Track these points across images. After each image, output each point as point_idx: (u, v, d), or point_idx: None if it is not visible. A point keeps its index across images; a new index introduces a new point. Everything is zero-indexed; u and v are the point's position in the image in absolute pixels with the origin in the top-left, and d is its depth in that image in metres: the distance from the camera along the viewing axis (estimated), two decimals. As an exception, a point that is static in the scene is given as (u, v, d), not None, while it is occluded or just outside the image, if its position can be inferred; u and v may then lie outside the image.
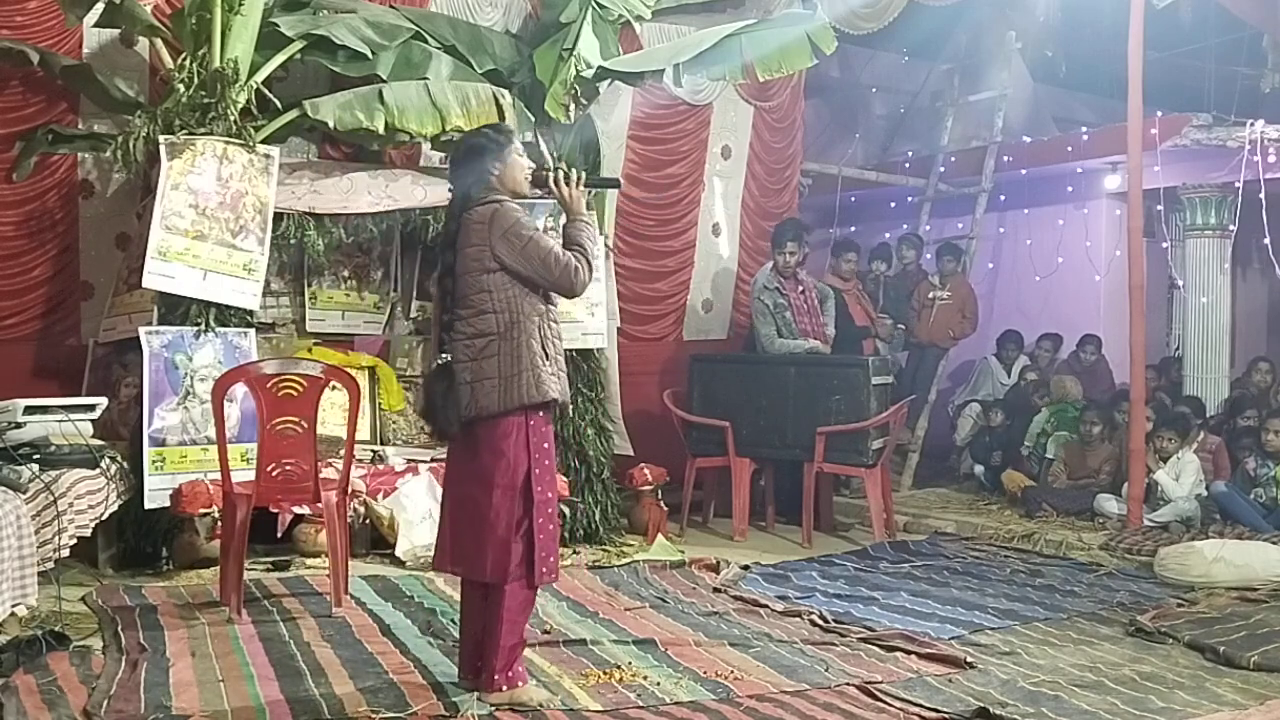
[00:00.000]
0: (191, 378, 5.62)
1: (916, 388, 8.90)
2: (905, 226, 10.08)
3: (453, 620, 4.73)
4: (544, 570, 3.69)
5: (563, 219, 3.92)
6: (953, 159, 9.89)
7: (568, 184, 3.81)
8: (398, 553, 5.80)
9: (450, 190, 3.82)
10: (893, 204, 10.58)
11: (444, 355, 3.68)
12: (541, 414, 3.71)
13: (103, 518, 5.11)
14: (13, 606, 4.17)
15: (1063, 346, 9.51)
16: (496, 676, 3.68)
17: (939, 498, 8.36)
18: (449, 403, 3.63)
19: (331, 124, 5.94)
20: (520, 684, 3.72)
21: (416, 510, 5.92)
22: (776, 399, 6.95)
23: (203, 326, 5.68)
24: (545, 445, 3.72)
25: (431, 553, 5.65)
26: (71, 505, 4.72)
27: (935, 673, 4.22)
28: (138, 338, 5.58)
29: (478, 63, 6.59)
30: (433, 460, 6.39)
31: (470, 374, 3.64)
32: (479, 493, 3.67)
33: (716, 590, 5.45)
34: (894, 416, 7.06)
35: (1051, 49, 10.55)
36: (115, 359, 6.14)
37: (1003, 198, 9.82)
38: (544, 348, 3.69)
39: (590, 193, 3.95)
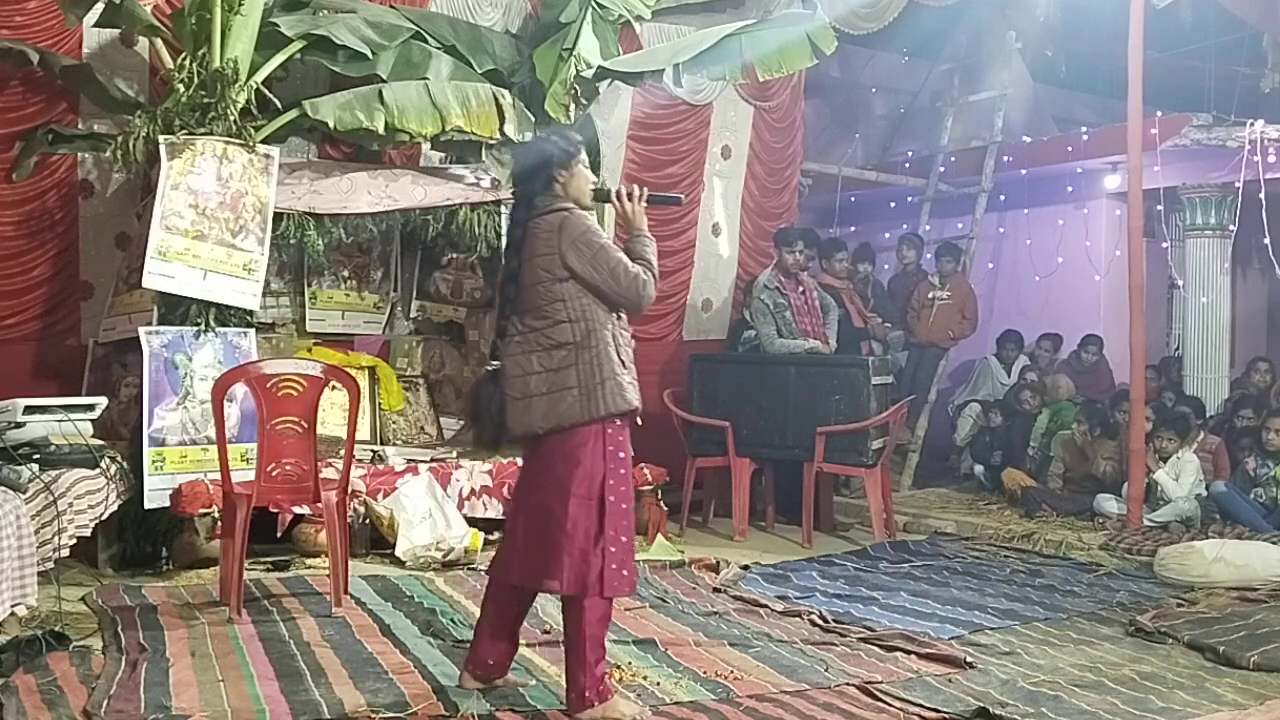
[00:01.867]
0: (191, 378, 5.62)
1: (916, 388, 8.90)
2: (905, 226, 10.08)
3: (453, 620, 4.73)
4: (616, 582, 3.61)
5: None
6: (953, 159, 9.89)
7: (630, 200, 3.79)
8: (398, 553, 5.80)
9: (513, 192, 3.79)
10: (893, 204, 10.58)
11: (494, 363, 3.65)
12: (619, 422, 3.65)
13: (103, 518, 5.12)
14: (13, 606, 4.17)
15: (1063, 346, 9.52)
16: (588, 694, 3.58)
17: (939, 498, 8.37)
18: (504, 410, 3.59)
19: (331, 124, 5.94)
20: (610, 697, 3.63)
21: (416, 510, 5.92)
22: (776, 399, 6.95)
23: (203, 326, 5.68)
24: (621, 455, 3.66)
25: (431, 553, 5.74)
26: (71, 505, 4.72)
27: (935, 673, 4.21)
28: (138, 338, 5.58)
29: (478, 63, 6.59)
30: (433, 460, 6.39)
31: (546, 385, 3.59)
32: (555, 503, 3.59)
33: (716, 590, 5.45)
34: (894, 416, 7.06)
35: (1051, 49, 10.55)
36: (115, 359, 6.14)
37: (1003, 198, 9.83)
38: (619, 354, 3.65)
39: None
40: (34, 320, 6.28)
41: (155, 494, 5.46)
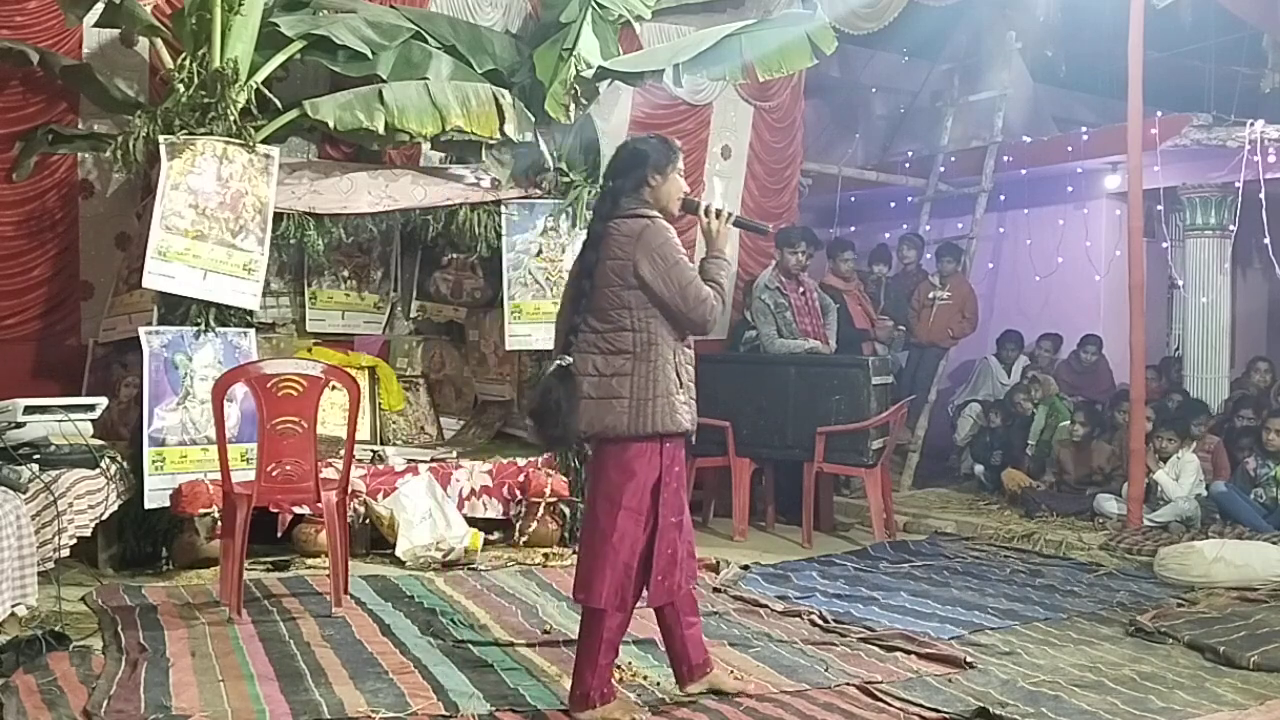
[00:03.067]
0: (191, 378, 5.62)
1: (916, 388, 8.90)
2: (905, 226, 10.08)
3: (453, 620, 4.74)
4: (658, 592, 3.61)
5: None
6: (953, 159, 9.89)
7: (717, 218, 3.75)
8: (398, 553, 5.80)
9: (601, 188, 3.76)
10: (893, 204, 10.58)
11: (566, 358, 3.58)
12: (679, 440, 3.64)
13: (103, 518, 5.12)
14: (13, 606, 4.17)
15: (1063, 346, 9.52)
16: (592, 694, 3.57)
17: (939, 498, 8.36)
18: (572, 410, 3.52)
19: (331, 124, 5.93)
20: (613, 699, 3.63)
21: (416, 510, 5.92)
22: (776, 399, 6.94)
23: (203, 326, 5.68)
24: (677, 469, 3.64)
25: (431, 553, 5.74)
26: (71, 505, 4.73)
27: (935, 673, 4.21)
28: (138, 338, 5.58)
29: (478, 63, 6.59)
30: (433, 460, 6.40)
31: (597, 390, 3.55)
32: (604, 514, 3.57)
33: (716, 590, 5.45)
34: (894, 416, 7.06)
35: (1051, 49, 10.55)
36: (115, 359, 6.14)
37: (1003, 198, 9.83)
38: (678, 374, 3.61)
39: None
40: (34, 320, 6.28)
41: (155, 494, 5.46)
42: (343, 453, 5.21)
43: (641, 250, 3.55)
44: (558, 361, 3.59)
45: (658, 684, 3.98)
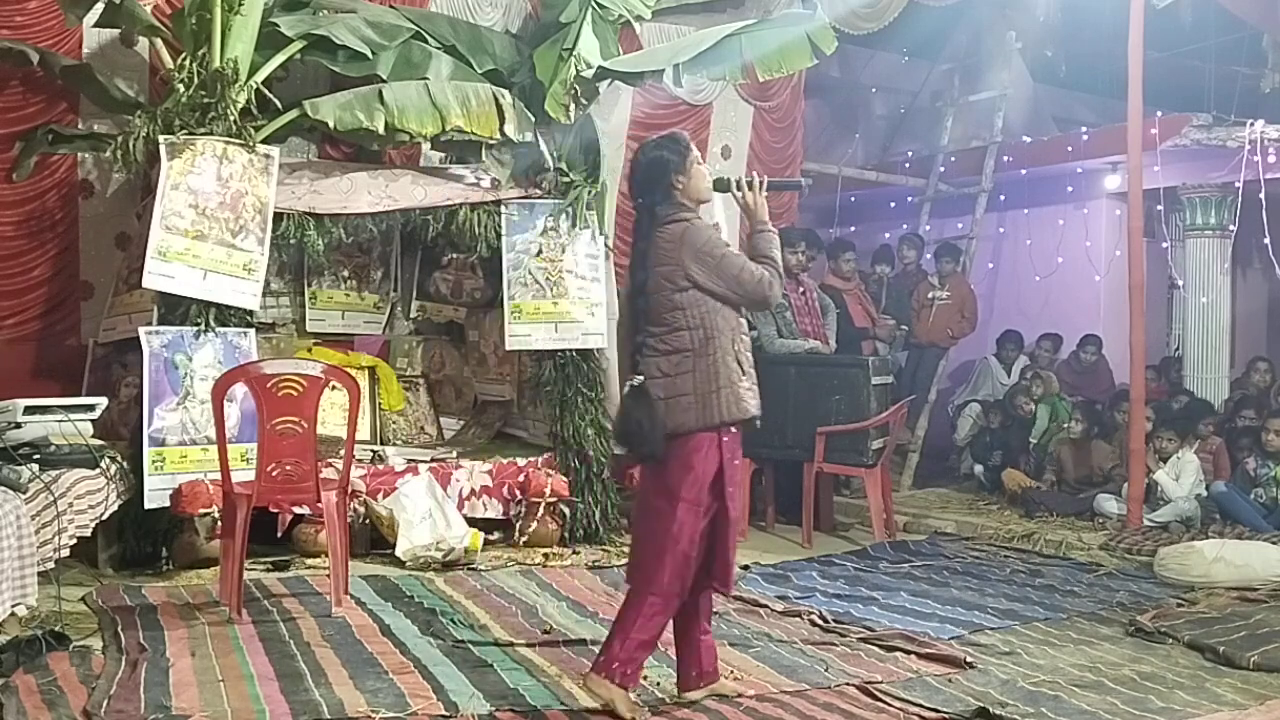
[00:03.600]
0: (191, 378, 5.62)
1: (916, 388, 8.90)
2: (905, 226, 10.08)
3: (453, 620, 4.74)
4: (719, 582, 3.69)
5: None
6: (953, 159, 9.89)
7: (751, 189, 3.78)
8: (398, 553, 5.80)
9: (635, 205, 3.80)
10: (893, 204, 10.58)
11: (638, 377, 3.64)
12: (735, 429, 3.68)
13: (103, 518, 5.12)
14: (13, 606, 4.17)
15: (1063, 346, 9.52)
16: (615, 665, 3.61)
17: (939, 498, 8.36)
18: (655, 424, 3.57)
19: (331, 124, 5.93)
20: (630, 687, 3.66)
21: (416, 510, 5.92)
22: (776, 399, 6.90)
23: (203, 326, 5.67)
24: (736, 461, 3.69)
25: (431, 553, 5.74)
26: (71, 505, 4.72)
27: (935, 673, 4.22)
28: (138, 338, 5.58)
29: (478, 63, 6.59)
30: (433, 460, 6.40)
31: (664, 390, 3.60)
32: (665, 506, 3.62)
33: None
34: (894, 416, 7.06)
35: (1051, 49, 10.55)
36: (115, 359, 6.14)
37: (1003, 198, 9.83)
38: (739, 362, 3.67)
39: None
40: (34, 320, 6.28)
41: (155, 494, 5.46)
42: (343, 453, 5.21)
43: (687, 253, 3.61)
44: (630, 383, 3.67)
45: (657, 684, 3.98)
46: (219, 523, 5.26)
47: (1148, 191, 7.61)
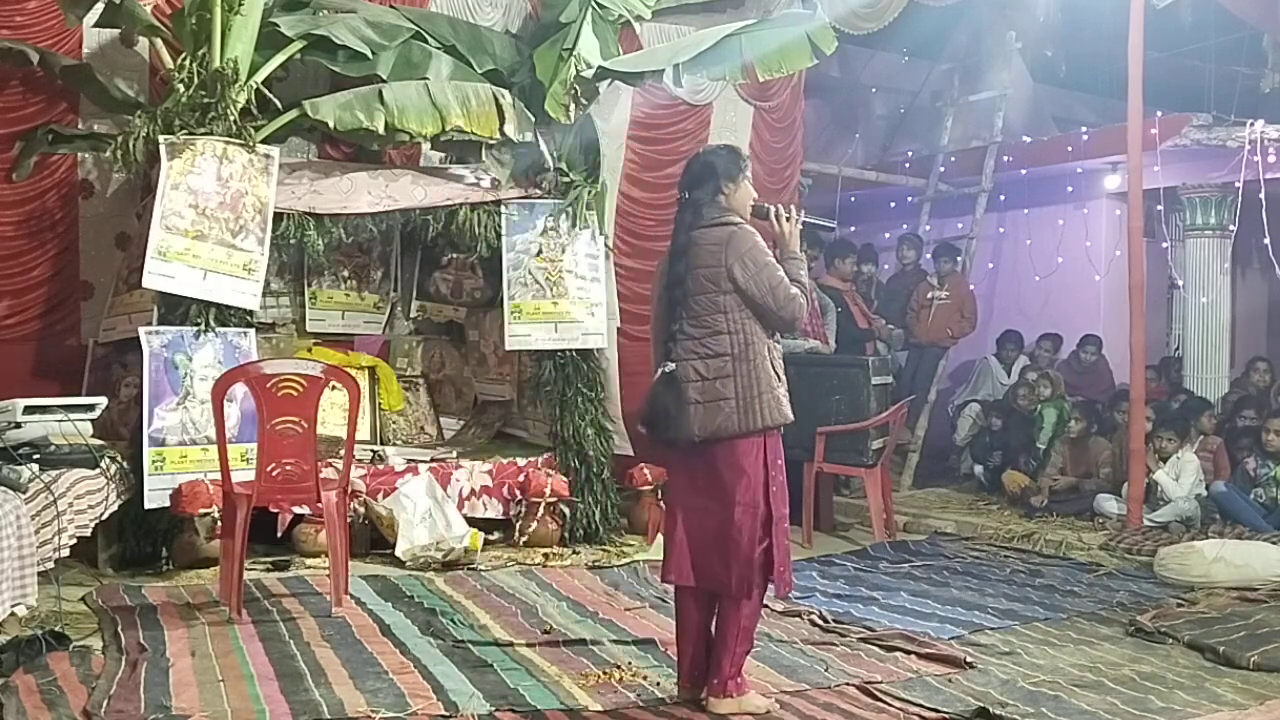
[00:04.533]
0: (191, 378, 5.62)
1: (916, 388, 8.90)
2: (905, 226, 10.09)
3: (453, 620, 4.74)
4: (784, 582, 3.75)
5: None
6: (953, 159, 9.89)
7: (788, 221, 3.88)
8: (397, 553, 5.80)
9: (680, 200, 3.87)
10: (893, 204, 10.58)
11: (670, 364, 3.70)
12: (776, 432, 3.76)
13: (103, 518, 5.11)
14: (13, 606, 4.17)
15: (1063, 346, 9.52)
16: (730, 683, 3.72)
17: (939, 498, 8.37)
18: (682, 410, 3.65)
19: (331, 124, 5.93)
20: (747, 691, 3.76)
21: (416, 510, 5.92)
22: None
23: (203, 326, 5.67)
24: (779, 462, 3.77)
25: (431, 553, 5.73)
26: (71, 505, 4.72)
27: (935, 673, 4.22)
28: (138, 338, 5.58)
29: (478, 63, 6.59)
30: (433, 460, 6.40)
31: (702, 394, 3.67)
32: (722, 511, 3.69)
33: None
34: (894, 416, 7.06)
35: (1051, 49, 10.55)
36: (115, 359, 6.14)
37: (1003, 198, 9.83)
38: (775, 368, 3.73)
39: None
40: (34, 320, 6.28)
41: (155, 494, 5.46)
42: (343, 453, 5.21)
43: (733, 255, 3.69)
44: (661, 369, 3.72)
45: (658, 684, 3.98)
46: (219, 523, 5.26)
47: (1148, 191, 7.61)
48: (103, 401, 5.31)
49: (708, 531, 3.74)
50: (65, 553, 4.73)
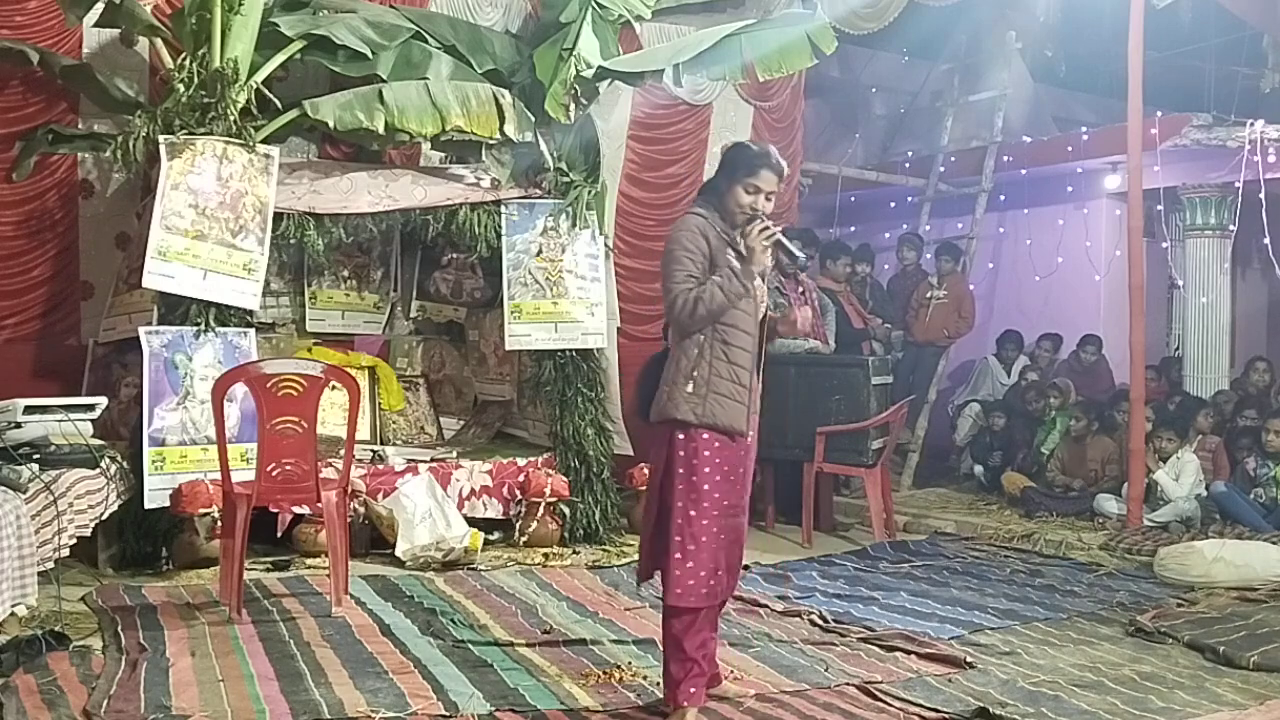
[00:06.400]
0: (191, 378, 5.62)
1: (915, 388, 8.90)
2: (905, 226, 10.08)
3: (453, 620, 4.74)
4: (679, 589, 3.59)
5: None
6: (953, 159, 9.89)
7: (760, 234, 3.59)
8: (398, 553, 5.80)
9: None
10: (893, 204, 10.58)
11: (666, 343, 3.76)
12: (698, 432, 3.55)
13: (103, 518, 5.12)
14: (13, 606, 4.17)
15: (1063, 346, 9.52)
16: (676, 692, 3.61)
17: (939, 498, 8.37)
18: (648, 385, 3.69)
19: (331, 124, 5.93)
20: (685, 706, 3.61)
21: (416, 510, 5.92)
22: (776, 399, 6.91)
23: (203, 326, 5.68)
24: (696, 464, 3.56)
25: (431, 553, 5.73)
26: (71, 505, 4.72)
27: (935, 673, 4.22)
28: (138, 338, 5.58)
29: (478, 63, 6.59)
30: (433, 460, 6.40)
31: (662, 378, 3.65)
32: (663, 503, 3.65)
33: (716, 590, 5.44)
34: (894, 416, 7.06)
35: (1051, 49, 10.56)
36: (115, 359, 6.15)
37: (1003, 198, 9.82)
38: (708, 363, 3.55)
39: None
40: (34, 320, 6.28)
41: (155, 494, 5.46)
42: (343, 453, 5.21)
43: (668, 239, 3.67)
44: (666, 346, 3.76)
45: (658, 684, 3.97)
46: (219, 523, 5.26)
47: (1148, 191, 7.61)
48: (103, 401, 5.32)
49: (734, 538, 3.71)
50: (65, 553, 4.73)
